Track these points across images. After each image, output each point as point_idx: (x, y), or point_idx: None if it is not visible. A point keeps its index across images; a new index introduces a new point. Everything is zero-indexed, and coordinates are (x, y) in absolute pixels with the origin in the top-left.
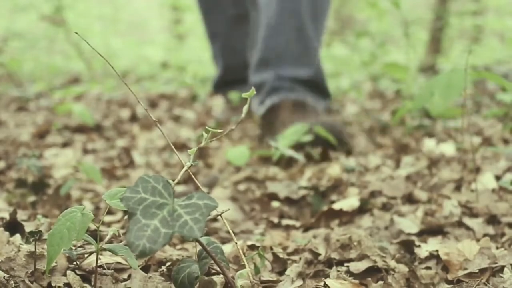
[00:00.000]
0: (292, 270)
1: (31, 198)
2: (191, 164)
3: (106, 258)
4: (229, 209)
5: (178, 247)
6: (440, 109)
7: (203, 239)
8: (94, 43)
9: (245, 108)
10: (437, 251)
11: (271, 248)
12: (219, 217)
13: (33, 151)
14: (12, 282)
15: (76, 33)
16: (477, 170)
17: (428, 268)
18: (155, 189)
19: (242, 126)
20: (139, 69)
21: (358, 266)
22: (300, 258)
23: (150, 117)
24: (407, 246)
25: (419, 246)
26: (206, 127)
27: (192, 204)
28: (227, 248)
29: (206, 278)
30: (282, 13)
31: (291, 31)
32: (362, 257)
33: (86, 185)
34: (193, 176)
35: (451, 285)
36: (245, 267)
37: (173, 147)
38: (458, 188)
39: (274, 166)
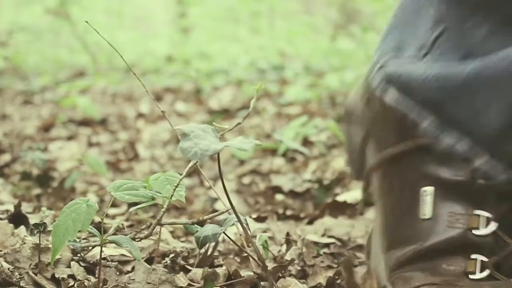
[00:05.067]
0: (291, 253)
1: (36, 191)
2: (197, 160)
3: (110, 250)
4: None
5: (183, 239)
6: None
7: (211, 227)
8: (99, 36)
9: (253, 101)
10: None
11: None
12: (223, 210)
13: (38, 144)
14: (17, 273)
15: (86, 21)
16: None
17: None
18: (206, 130)
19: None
20: (144, 63)
21: None
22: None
23: (158, 107)
24: None
25: None
26: (213, 123)
27: (237, 139)
28: (231, 237)
29: (210, 269)
30: None
31: None
32: None
33: (90, 178)
34: (200, 170)
35: None
36: (248, 258)
37: (180, 139)
38: None
39: (279, 158)
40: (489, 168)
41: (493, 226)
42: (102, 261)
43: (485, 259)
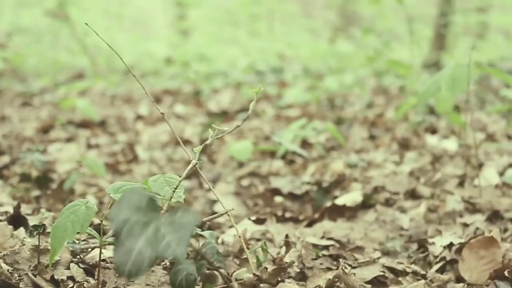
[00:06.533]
0: (290, 255)
1: (35, 193)
2: (197, 162)
3: (110, 252)
4: (233, 209)
5: None
6: (447, 106)
7: (207, 233)
8: (98, 38)
9: (252, 105)
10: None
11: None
12: (222, 210)
13: (37, 145)
14: (16, 275)
15: (86, 23)
16: (480, 166)
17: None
18: (140, 205)
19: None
20: (143, 65)
21: None
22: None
23: (157, 109)
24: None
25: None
26: (212, 125)
27: (175, 221)
28: (230, 238)
29: (208, 271)
30: None
31: None
32: None
33: (89, 180)
34: (200, 172)
35: None
36: (247, 260)
37: (180, 142)
38: (461, 184)
39: (278, 161)
40: None
41: None
42: (102, 262)
43: None
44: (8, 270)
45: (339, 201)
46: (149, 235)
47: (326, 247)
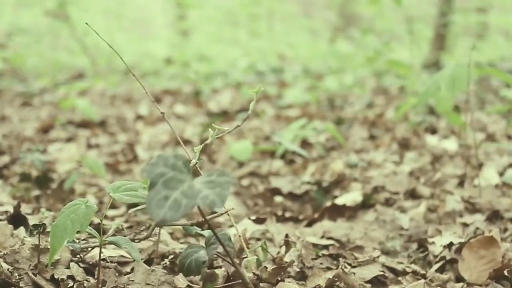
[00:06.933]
0: (290, 255)
1: (35, 192)
2: (197, 162)
3: (110, 251)
4: (233, 208)
5: (182, 240)
6: (447, 106)
7: (207, 232)
8: (98, 38)
9: (252, 105)
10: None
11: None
12: (222, 210)
13: (37, 145)
14: (16, 274)
15: (86, 23)
16: (480, 166)
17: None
18: (175, 165)
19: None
20: (143, 65)
21: None
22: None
23: (157, 108)
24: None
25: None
26: (212, 125)
27: (212, 180)
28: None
29: (209, 270)
30: None
31: None
32: None
33: (89, 180)
34: (200, 172)
35: None
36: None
37: (181, 141)
38: (461, 184)
39: (278, 160)
40: None
41: None
42: (102, 262)
43: None
44: (8, 269)
45: (339, 201)
46: (184, 188)
47: (326, 247)
